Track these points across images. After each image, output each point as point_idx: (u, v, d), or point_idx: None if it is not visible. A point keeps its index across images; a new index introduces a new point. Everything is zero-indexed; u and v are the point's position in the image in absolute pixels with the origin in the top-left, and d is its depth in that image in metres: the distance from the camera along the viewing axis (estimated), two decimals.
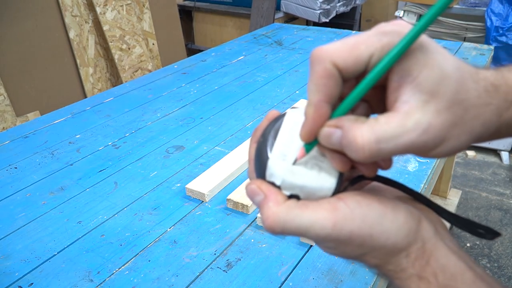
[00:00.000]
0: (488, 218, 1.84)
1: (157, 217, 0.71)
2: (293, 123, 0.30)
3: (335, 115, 0.27)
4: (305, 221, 0.27)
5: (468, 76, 0.26)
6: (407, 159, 0.85)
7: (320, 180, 0.29)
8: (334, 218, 0.27)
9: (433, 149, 0.26)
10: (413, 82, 0.25)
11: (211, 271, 0.60)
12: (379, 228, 0.27)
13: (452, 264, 0.27)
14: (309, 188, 0.29)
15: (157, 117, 1.05)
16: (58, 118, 1.06)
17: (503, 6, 2.02)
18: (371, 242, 0.27)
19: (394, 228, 0.28)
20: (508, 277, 1.55)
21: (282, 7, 2.72)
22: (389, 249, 0.28)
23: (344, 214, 0.27)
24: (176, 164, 0.86)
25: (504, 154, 2.22)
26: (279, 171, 0.29)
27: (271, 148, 0.30)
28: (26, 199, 0.76)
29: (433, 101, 0.25)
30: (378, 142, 0.25)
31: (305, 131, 0.28)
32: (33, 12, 1.82)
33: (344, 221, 0.27)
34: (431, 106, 0.25)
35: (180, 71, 1.34)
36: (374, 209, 0.28)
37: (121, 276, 0.60)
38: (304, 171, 0.29)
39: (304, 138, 0.28)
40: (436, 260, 0.27)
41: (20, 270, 0.61)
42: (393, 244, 0.28)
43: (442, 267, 0.27)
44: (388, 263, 0.28)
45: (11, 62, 1.77)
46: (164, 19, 2.41)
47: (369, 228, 0.27)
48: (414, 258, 0.28)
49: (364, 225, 0.27)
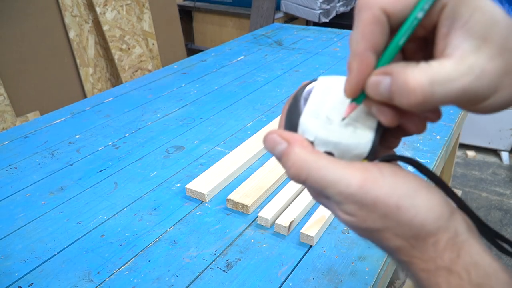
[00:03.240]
0: (488, 218, 1.84)
1: (157, 217, 0.71)
2: (324, 87, 0.30)
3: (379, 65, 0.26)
4: (331, 173, 0.26)
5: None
6: None
7: (356, 138, 0.28)
8: (363, 178, 0.25)
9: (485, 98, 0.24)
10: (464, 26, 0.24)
11: (211, 271, 0.60)
12: (409, 201, 0.25)
13: (486, 263, 0.25)
14: (344, 145, 0.27)
15: (157, 117, 1.05)
16: (58, 118, 1.06)
17: (503, 6, 2.02)
18: (397, 214, 0.25)
19: (425, 207, 0.25)
20: None
21: (282, 7, 2.71)
22: (415, 228, 0.25)
23: (375, 177, 0.26)
24: (176, 164, 0.86)
25: (504, 154, 2.22)
26: (312, 127, 0.28)
27: (304, 106, 0.29)
28: (26, 199, 0.76)
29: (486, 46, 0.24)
30: (431, 84, 0.23)
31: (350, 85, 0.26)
32: (33, 12, 1.82)
33: (373, 184, 0.25)
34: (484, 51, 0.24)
35: (180, 71, 1.34)
36: (408, 182, 0.26)
37: (121, 276, 0.60)
38: (338, 128, 0.28)
39: (349, 93, 0.26)
40: (470, 255, 0.25)
41: (20, 270, 0.61)
42: (421, 223, 0.25)
43: (475, 264, 0.25)
44: (413, 247, 0.26)
45: (11, 62, 1.77)
46: (164, 19, 2.41)
47: (397, 198, 0.25)
48: (443, 248, 0.25)
49: (393, 194, 0.25)
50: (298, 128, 0.29)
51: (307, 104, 0.29)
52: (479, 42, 0.24)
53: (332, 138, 0.27)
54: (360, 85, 0.26)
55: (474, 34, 0.24)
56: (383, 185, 0.25)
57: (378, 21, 0.25)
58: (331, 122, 0.28)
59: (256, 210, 0.72)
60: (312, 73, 1.30)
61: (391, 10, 0.25)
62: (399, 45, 0.25)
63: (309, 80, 0.31)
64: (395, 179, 0.26)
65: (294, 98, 0.30)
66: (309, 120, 0.28)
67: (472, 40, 0.24)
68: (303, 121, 0.28)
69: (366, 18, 0.25)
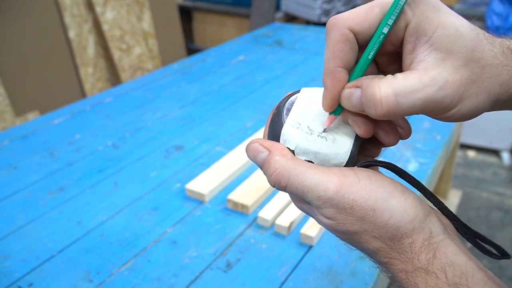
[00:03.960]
0: (488, 218, 1.84)
1: (157, 217, 0.71)
2: (307, 98, 0.32)
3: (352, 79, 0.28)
4: (310, 179, 0.27)
5: (483, 37, 0.26)
6: (407, 159, 0.85)
7: (335, 148, 0.29)
8: (340, 183, 0.27)
9: (451, 108, 0.25)
10: (428, 41, 0.25)
11: (211, 271, 0.60)
12: (384, 204, 0.27)
13: (462, 263, 0.26)
14: (323, 154, 0.29)
15: (157, 117, 1.05)
16: (57, 118, 1.06)
17: (503, 6, 2.02)
18: (373, 217, 0.26)
19: (400, 209, 0.27)
20: (509, 278, 1.55)
21: (282, 7, 2.71)
22: (391, 230, 0.26)
23: (352, 182, 0.27)
24: (176, 164, 0.85)
25: (505, 154, 2.22)
26: (294, 137, 0.29)
27: (286, 117, 0.31)
28: (25, 199, 0.76)
29: (450, 59, 0.25)
30: (396, 95, 0.25)
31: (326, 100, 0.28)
32: (33, 12, 1.82)
33: (349, 188, 0.27)
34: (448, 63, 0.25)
35: (180, 71, 1.34)
36: (383, 186, 0.27)
37: (121, 276, 0.60)
38: (318, 139, 0.29)
39: (327, 107, 0.29)
40: (445, 255, 0.26)
41: (20, 270, 0.61)
42: (396, 225, 0.26)
43: (451, 264, 0.26)
44: (391, 249, 0.27)
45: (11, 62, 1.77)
46: (164, 19, 2.41)
47: (373, 202, 0.26)
48: (419, 249, 0.26)
49: (369, 197, 0.26)
50: (281, 137, 0.30)
51: (290, 114, 0.31)
52: (444, 55, 0.25)
53: (312, 147, 0.29)
54: (335, 99, 0.28)
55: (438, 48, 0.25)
56: (359, 189, 0.27)
57: (346, 39, 0.26)
58: (312, 132, 0.30)
59: (256, 210, 0.71)
60: (312, 73, 1.30)
61: (358, 29, 0.26)
62: (369, 59, 0.27)
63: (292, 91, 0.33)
64: (371, 183, 0.27)
65: (277, 108, 0.32)
66: (291, 130, 0.30)
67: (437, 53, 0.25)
68: (285, 131, 0.30)
69: (334, 37, 0.27)
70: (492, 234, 1.75)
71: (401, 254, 0.27)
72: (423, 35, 0.25)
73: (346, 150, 0.29)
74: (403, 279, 0.27)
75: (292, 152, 0.29)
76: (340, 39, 0.26)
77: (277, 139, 0.30)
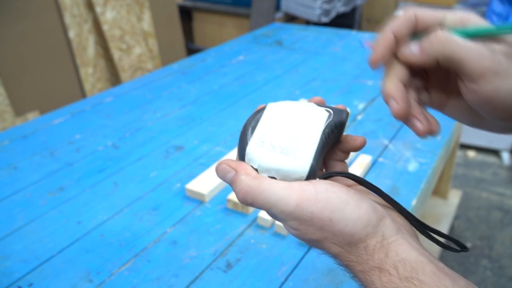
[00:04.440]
0: (488, 218, 1.84)
1: (157, 217, 0.71)
2: (272, 114, 0.33)
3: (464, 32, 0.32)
4: (272, 195, 0.30)
5: None
6: (407, 159, 0.85)
7: (296, 163, 0.31)
8: (300, 198, 0.29)
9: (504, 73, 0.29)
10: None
11: (211, 271, 0.60)
12: (339, 214, 0.29)
13: (413, 259, 0.28)
14: (284, 170, 0.31)
15: (157, 117, 1.05)
16: (57, 118, 1.06)
17: (503, 6, 2.02)
18: (331, 226, 0.29)
19: (354, 217, 0.29)
20: (509, 278, 1.55)
21: (282, 7, 2.71)
22: (347, 237, 0.29)
23: (310, 195, 0.30)
24: (176, 164, 0.85)
25: (505, 154, 2.22)
26: (257, 155, 0.31)
27: (251, 135, 0.32)
28: (25, 199, 0.76)
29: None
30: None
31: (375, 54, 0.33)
32: (33, 12, 1.82)
33: (308, 201, 0.29)
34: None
35: (180, 71, 1.34)
36: (339, 197, 0.30)
37: (121, 277, 0.60)
38: (280, 156, 0.31)
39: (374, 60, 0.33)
40: (396, 254, 0.29)
41: (20, 270, 0.61)
42: (351, 232, 0.29)
43: (402, 260, 0.28)
44: (349, 253, 0.30)
45: (11, 62, 1.77)
46: (164, 19, 2.41)
47: (330, 212, 0.29)
48: (373, 251, 0.29)
49: (325, 209, 0.29)
50: (245, 156, 0.32)
51: (254, 133, 0.32)
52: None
53: (274, 165, 0.31)
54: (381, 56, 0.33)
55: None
56: (317, 202, 0.29)
57: (409, 18, 0.33)
58: (274, 149, 0.31)
59: (256, 210, 0.71)
60: (312, 73, 1.30)
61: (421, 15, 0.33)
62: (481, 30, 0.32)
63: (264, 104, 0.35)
64: (327, 195, 0.30)
65: (243, 127, 0.33)
66: (254, 149, 0.32)
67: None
68: (248, 150, 0.32)
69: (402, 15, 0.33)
70: (492, 234, 1.75)
71: (358, 257, 0.30)
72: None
73: (306, 165, 0.31)
74: (361, 279, 0.30)
75: (256, 170, 0.31)
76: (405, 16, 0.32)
77: (243, 158, 0.32)
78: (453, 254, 1.65)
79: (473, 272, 1.58)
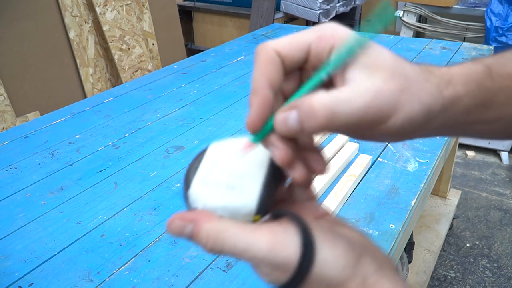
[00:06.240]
0: (487, 218, 1.84)
1: (157, 217, 0.71)
2: (215, 152, 0.31)
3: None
4: (243, 241, 0.27)
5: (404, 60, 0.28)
6: (407, 159, 0.85)
7: (243, 197, 0.28)
8: (271, 241, 0.26)
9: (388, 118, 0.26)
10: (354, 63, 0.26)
11: (211, 271, 0.60)
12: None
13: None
14: (231, 206, 0.28)
15: (157, 117, 1.05)
16: (58, 118, 1.06)
17: (503, 6, 2.02)
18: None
19: (330, 259, 0.26)
20: (508, 277, 1.55)
21: (282, 7, 2.71)
22: (325, 282, 0.26)
23: (282, 238, 0.26)
24: (176, 164, 0.86)
25: (504, 154, 2.22)
26: (201, 194, 0.29)
27: (193, 177, 0.30)
28: (26, 199, 0.76)
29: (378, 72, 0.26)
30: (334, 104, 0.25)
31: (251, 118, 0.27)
32: (33, 12, 1.82)
33: (280, 245, 0.26)
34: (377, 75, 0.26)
35: (180, 71, 1.34)
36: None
37: (121, 276, 0.60)
38: (226, 192, 0.28)
39: (251, 127, 0.27)
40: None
41: (20, 270, 0.61)
42: (329, 277, 0.26)
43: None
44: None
45: (11, 62, 1.77)
46: (164, 19, 2.41)
47: None
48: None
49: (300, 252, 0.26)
50: (189, 199, 0.29)
51: (196, 173, 0.30)
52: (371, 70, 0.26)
53: (219, 202, 0.28)
54: (260, 119, 0.27)
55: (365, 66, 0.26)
56: (290, 245, 0.26)
57: (273, 60, 0.27)
58: (219, 186, 0.29)
59: None
60: None
61: (284, 53, 0.28)
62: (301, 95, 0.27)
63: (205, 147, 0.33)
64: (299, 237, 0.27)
65: (186, 173, 0.31)
66: (197, 189, 0.29)
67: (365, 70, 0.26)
68: (191, 192, 0.29)
69: (262, 58, 0.28)
70: (491, 234, 1.75)
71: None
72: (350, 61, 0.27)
73: (254, 197, 0.28)
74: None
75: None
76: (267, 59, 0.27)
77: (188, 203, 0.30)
78: (452, 255, 1.66)
79: (472, 271, 1.58)
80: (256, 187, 0.28)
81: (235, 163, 0.30)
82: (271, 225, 0.27)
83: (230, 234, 0.27)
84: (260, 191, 0.28)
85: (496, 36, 2.02)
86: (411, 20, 2.34)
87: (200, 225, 0.27)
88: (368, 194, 0.76)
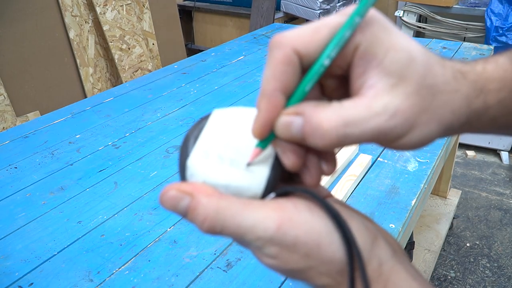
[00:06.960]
0: (488, 218, 1.84)
1: (157, 217, 0.71)
2: (219, 121, 0.27)
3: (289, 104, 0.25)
4: (246, 219, 0.23)
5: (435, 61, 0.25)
6: (407, 159, 0.85)
7: (249, 177, 0.25)
8: (280, 219, 0.23)
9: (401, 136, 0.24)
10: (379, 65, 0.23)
11: (211, 271, 0.60)
12: (328, 238, 0.24)
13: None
14: (234, 186, 0.25)
15: (157, 117, 1.05)
16: (58, 118, 1.06)
17: (503, 6, 2.02)
18: (318, 253, 0.24)
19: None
20: (508, 277, 1.55)
21: (282, 7, 2.71)
22: (338, 265, 0.24)
23: (291, 215, 0.24)
24: (176, 164, 0.85)
25: (504, 154, 2.22)
26: (201, 169, 0.25)
27: (192, 147, 0.26)
28: (26, 199, 0.76)
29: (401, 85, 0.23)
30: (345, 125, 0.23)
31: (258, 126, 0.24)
32: (33, 12, 1.82)
33: (290, 223, 0.24)
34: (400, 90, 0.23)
35: (180, 71, 1.34)
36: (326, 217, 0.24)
37: (121, 276, 0.60)
38: (229, 168, 0.25)
39: (258, 134, 0.25)
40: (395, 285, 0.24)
41: (20, 270, 0.61)
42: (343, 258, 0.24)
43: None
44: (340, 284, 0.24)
45: (11, 62, 1.77)
46: (164, 19, 2.41)
47: (317, 236, 0.24)
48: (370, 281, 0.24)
49: (312, 231, 0.24)
50: (186, 172, 0.25)
51: (197, 143, 0.26)
52: (395, 80, 0.23)
53: (222, 179, 0.25)
54: (268, 125, 0.24)
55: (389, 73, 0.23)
56: (301, 223, 0.24)
57: (290, 61, 0.24)
58: (222, 161, 0.25)
59: None
60: None
61: (303, 52, 0.24)
62: (305, 91, 0.24)
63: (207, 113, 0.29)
64: (311, 215, 0.24)
65: (184, 138, 0.27)
66: (197, 162, 0.25)
67: (388, 79, 0.23)
68: (190, 163, 0.25)
69: (277, 58, 0.24)
70: (491, 234, 1.75)
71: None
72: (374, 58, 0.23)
73: (261, 179, 0.25)
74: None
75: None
76: (284, 60, 0.24)
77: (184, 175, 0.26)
78: (452, 255, 1.66)
79: (473, 271, 1.58)
80: (263, 167, 0.25)
81: (241, 137, 0.26)
82: (280, 202, 0.25)
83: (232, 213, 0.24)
84: (268, 172, 0.25)
85: (496, 36, 2.02)
86: (411, 20, 2.34)
87: (198, 200, 0.24)
88: (368, 194, 0.76)
